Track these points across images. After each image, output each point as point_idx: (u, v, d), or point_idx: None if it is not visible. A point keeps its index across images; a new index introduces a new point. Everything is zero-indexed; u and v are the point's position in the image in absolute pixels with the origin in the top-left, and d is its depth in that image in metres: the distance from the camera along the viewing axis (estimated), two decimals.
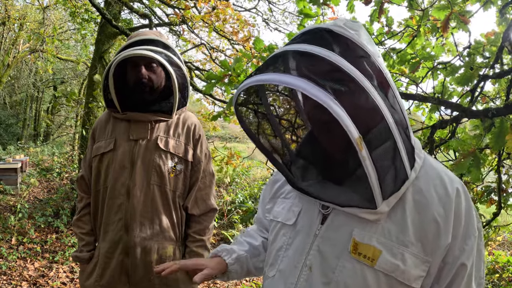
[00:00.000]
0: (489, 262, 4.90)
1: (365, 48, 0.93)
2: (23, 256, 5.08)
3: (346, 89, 0.87)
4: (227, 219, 7.16)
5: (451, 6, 2.22)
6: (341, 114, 0.80)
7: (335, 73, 0.86)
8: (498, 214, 2.43)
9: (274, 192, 1.29)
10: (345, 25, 0.96)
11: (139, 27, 8.06)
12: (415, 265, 0.92)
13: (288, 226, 1.12)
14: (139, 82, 2.00)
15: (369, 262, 0.94)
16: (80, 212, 2.15)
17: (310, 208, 1.08)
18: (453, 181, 0.98)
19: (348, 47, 0.92)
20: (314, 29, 0.96)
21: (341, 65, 0.85)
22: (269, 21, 10.56)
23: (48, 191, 8.98)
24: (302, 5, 2.55)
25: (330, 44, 0.90)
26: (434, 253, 0.93)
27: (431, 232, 0.93)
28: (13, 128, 18.97)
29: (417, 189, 0.96)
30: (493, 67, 2.28)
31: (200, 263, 1.26)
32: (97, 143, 2.12)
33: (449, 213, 0.93)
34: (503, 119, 1.98)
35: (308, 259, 1.02)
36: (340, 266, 0.97)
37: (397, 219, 0.95)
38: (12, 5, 13.95)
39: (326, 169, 1.04)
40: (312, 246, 1.03)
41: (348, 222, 0.99)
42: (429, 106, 2.92)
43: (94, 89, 6.87)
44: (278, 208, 1.22)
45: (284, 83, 0.86)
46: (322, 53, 0.86)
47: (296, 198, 1.16)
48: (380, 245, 0.94)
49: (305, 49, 0.89)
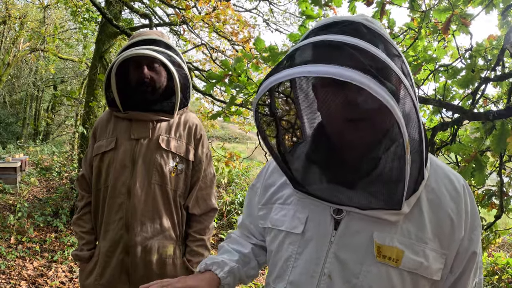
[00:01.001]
0: (488, 264, 4.90)
1: (397, 48, 0.94)
2: (22, 255, 5.07)
3: (395, 89, 0.87)
4: (226, 219, 7.15)
5: (452, 8, 2.23)
6: (400, 117, 0.80)
7: (389, 73, 0.86)
8: (499, 217, 2.43)
9: (268, 198, 1.22)
10: (373, 21, 0.95)
11: (140, 27, 8.06)
12: (435, 259, 0.96)
13: (295, 235, 1.07)
14: (141, 81, 2.01)
15: (393, 263, 0.95)
16: (80, 211, 2.15)
17: (319, 213, 1.05)
18: (458, 179, 1.03)
19: (386, 46, 0.92)
20: (351, 21, 0.93)
21: (391, 66, 0.85)
22: (269, 22, 10.56)
23: (48, 190, 8.98)
24: (304, 6, 2.54)
25: (374, 41, 0.89)
26: (450, 246, 0.97)
27: (446, 228, 0.97)
28: (13, 127, 18.96)
29: (429, 188, 1.00)
30: (494, 69, 2.28)
31: (189, 285, 1.10)
32: (98, 142, 2.12)
33: (461, 209, 0.98)
34: (504, 122, 1.98)
35: (326, 267, 1.00)
36: (364, 271, 0.96)
37: (414, 219, 0.97)
38: (12, 4, 13.93)
39: (337, 172, 1.01)
40: (328, 254, 1.00)
41: (366, 226, 0.98)
42: (431, 109, 2.91)
43: (94, 89, 6.87)
44: (276, 215, 1.15)
45: (353, 80, 0.78)
46: (374, 52, 0.84)
47: (298, 204, 1.10)
48: (402, 245, 0.95)
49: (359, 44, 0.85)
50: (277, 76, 0.88)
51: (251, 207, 1.32)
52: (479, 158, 1.99)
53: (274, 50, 2.71)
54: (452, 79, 2.45)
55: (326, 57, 0.84)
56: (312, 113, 1.09)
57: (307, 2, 2.52)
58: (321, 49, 0.88)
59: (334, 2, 2.44)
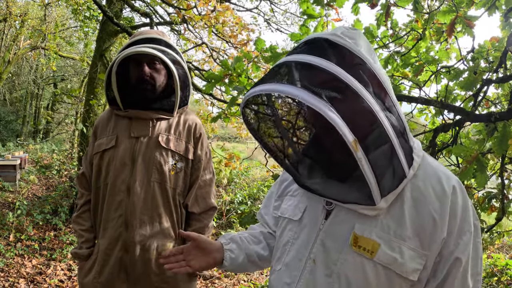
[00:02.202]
0: (487, 265, 4.89)
1: (361, 56, 0.98)
2: (21, 253, 5.07)
3: (342, 96, 0.93)
4: (225, 219, 7.15)
5: (456, 10, 2.22)
6: (335, 120, 0.87)
7: (332, 81, 0.93)
8: (500, 219, 2.42)
9: (282, 190, 1.35)
10: (343, 34, 1.02)
11: (140, 26, 8.06)
12: (412, 258, 0.98)
13: (294, 222, 1.18)
14: (141, 80, 2.01)
15: (368, 255, 0.99)
16: (80, 209, 2.15)
17: (315, 204, 1.14)
18: (450, 178, 1.04)
19: (344, 56, 0.98)
20: (314, 39, 1.03)
21: (337, 73, 0.92)
22: (270, 22, 10.56)
23: (47, 188, 8.97)
24: (305, 6, 2.54)
25: (328, 54, 0.97)
26: (431, 247, 0.98)
27: (428, 227, 0.98)
28: (13, 124, 18.97)
29: (415, 186, 1.02)
30: (496, 71, 2.28)
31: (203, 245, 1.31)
32: (98, 140, 2.12)
33: (445, 209, 0.99)
34: (505, 124, 1.98)
35: (313, 252, 1.08)
36: (341, 259, 1.02)
37: (395, 215, 1.01)
38: (13, 2, 13.93)
39: (329, 169, 1.10)
40: (316, 240, 1.08)
41: (350, 218, 1.05)
42: (433, 111, 2.91)
43: (94, 87, 6.86)
44: (285, 205, 1.28)
45: (285, 93, 0.93)
46: (319, 63, 0.94)
47: (302, 195, 1.21)
48: (379, 238, 0.99)
49: (304, 60, 0.96)
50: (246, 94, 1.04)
51: (270, 200, 1.44)
52: (481, 159, 1.99)
53: (275, 50, 2.71)
54: (454, 81, 2.44)
55: (274, 75, 0.99)
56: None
57: (308, 2, 2.52)
58: (275, 69, 1.01)
59: (336, 2, 2.43)
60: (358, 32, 1.06)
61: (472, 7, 2.35)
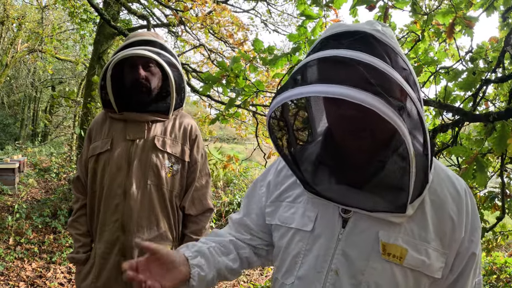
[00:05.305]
0: (486, 263, 4.91)
1: (406, 61, 0.98)
2: (20, 257, 5.05)
3: (405, 107, 0.93)
4: (225, 220, 7.14)
5: (455, 11, 2.22)
6: (407, 135, 0.86)
7: (395, 89, 0.93)
8: (501, 218, 2.43)
9: (277, 195, 1.22)
10: (384, 31, 0.99)
11: (138, 28, 8.05)
12: (437, 258, 1.01)
13: (305, 232, 1.10)
14: (136, 82, 2.00)
15: (397, 261, 1.00)
16: (76, 213, 2.13)
17: (328, 212, 1.09)
18: (460, 182, 1.09)
19: (394, 59, 0.96)
20: (361, 33, 0.97)
21: (400, 83, 0.90)
22: (267, 23, 10.56)
23: (46, 191, 8.94)
24: (303, 8, 2.53)
25: (381, 54, 0.94)
26: (451, 246, 1.02)
27: (448, 228, 1.02)
28: (11, 128, 18.94)
29: (432, 190, 1.04)
30: (495, 71, 2.27)
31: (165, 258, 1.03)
32: (93, 143, 2.11)
33: (462, 210, 1.03)
34: (504, 123, 1.98)
35: (334, 264, 1.04)
36: (370, 268, 1.01)
37: (418, 219, 1.02)
38: (11, 5, 13.91)
39: (345, 174, 1.06)
40: (336, 251, 1.05)
41: (372, 225, 1.03)
42: (432, 113, 2.91)
43: (92, 90, 6.85)
44: (285, 213, 1.17)
45: (360, 100, 0.83)
46: (386, 69, 0.89)
47: (308, 203, 1.13)
48: (405, 244, 1.00)
49: (366, 60, 0.89)
50: (290, 93, 0.94)
51: (251, 203, 1.31)
52: (480, 159, 1.99)
53: (273, 51, 2.70)
54: (453, 82, 2.44)
55: (337, 76, 0.89)
56: (321, 116, 1.15)
57: (305, 4, 2.51)
58: (332, 66, 0.94)
59: (334, 4, 2.42)
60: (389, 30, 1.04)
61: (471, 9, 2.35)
